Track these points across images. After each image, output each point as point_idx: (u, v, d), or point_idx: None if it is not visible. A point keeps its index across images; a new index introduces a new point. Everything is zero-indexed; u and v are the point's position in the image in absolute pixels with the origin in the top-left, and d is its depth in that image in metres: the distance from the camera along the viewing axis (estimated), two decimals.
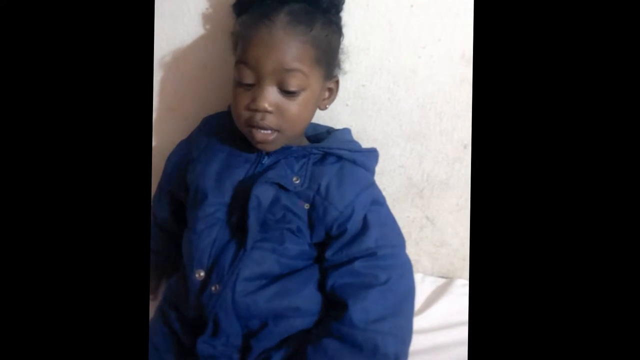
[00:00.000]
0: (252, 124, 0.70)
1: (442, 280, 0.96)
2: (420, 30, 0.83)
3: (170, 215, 0.83)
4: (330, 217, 0.70)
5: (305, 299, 0.70)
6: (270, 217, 0.70)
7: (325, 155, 0.75)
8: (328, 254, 0.71)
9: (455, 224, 0.94)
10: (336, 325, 0.66)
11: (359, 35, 0.82)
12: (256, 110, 0.69)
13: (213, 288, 0.67)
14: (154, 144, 0.93)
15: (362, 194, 0.73)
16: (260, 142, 0.71)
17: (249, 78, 0.69)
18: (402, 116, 0.88)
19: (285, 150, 0.74)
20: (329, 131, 0.83)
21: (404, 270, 0.72)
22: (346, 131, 0.83)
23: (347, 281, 0.68)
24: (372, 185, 0.76)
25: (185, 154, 0.80)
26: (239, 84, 0.70)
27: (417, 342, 0.80)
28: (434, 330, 0.85)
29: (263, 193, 0.69)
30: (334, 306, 0.69)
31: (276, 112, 0.69)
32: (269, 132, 0.70)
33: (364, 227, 0.71)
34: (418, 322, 0.86)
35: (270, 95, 0.68)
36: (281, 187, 0.71)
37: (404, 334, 0.68)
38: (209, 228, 0.70)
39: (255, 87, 0.69)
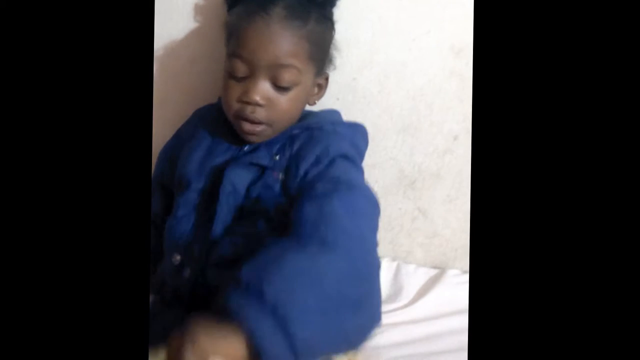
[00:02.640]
0: (241, 116, 0.70)
1: (434, 271, 0.96)
2: (409, 23, 0.83)
3: (163, 209, 0.83)
4: (302, 170, 0.67)
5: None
6: (246, 201, 0.69)
7: (302, 131, 0.73)
8: (290, 184, 0.67)
9: (446, 215, 0.95)
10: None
11: (348, 28, 0.82)
12: (247, 103, 0.69)
13: (186, 274, 0.68)
14: None
15: (333, 142, 0.70)
16: (247, 133, 0.71)
17: (242, 71, 0.69)
18: (392, 109, 0.89)
19: None
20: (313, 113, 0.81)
21: (364, 201, 0.66)
22: (334, 112, 0.81)
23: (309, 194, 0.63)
24: (345, 139, 0.72)
25: (176, 146, 0.81)
26: (230, 76, 0.70)
27: (411, 332, 0.82)
28: (427, 320, 0.86)
29: (238, 176, 0.69)
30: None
31: (267, 106, 0.69)
32: (257, 124, 0.70)
33: (330, 164, 0.67)
34: (412, 312, 0.87)
35: (263, 89, 0.68)
36: (260, 167, 0.70)
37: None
38: (189, 214, 0.71)
39: (248, 79, 0.69)
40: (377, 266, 0.61)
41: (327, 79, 0.78)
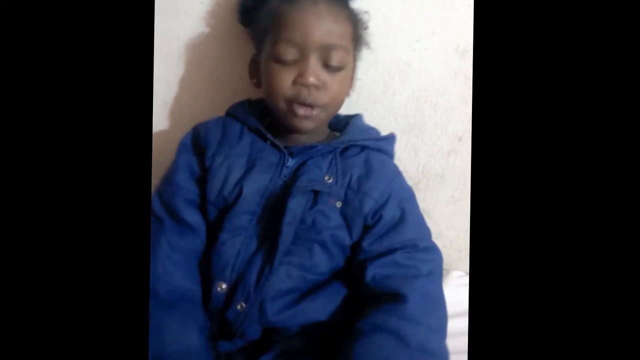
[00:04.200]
0: (297, 100, 0.68)
1: None
2: (414, 24, 0.83)
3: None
4: (367, 208, 0.68)
5: (332, 312, 0.66)
6: (301, 226, 0.66)
7: (348, 146, 0.73)
8: (365, 243, 0.67)
9: (451, 216, 0.94)
10: (392, 319, 0.59)
11: None
12: (303, 85, 0.67)
13: (239, 306, 0.64)
14: None
15: (394, 179, 0.72)
16: (303, 117, 0.69)
17: (292, 54, 0.68)
18: (397, 109, 0.88)
19: (310, 150, 0.71)
20: (339, 118, 0.81)
21: (441, 263, 0.69)
22: (360, 117, 0.81)
23: (390, 272, 0.64)
24: (400, 173, 0.75)
25: (205, 152, 0.73)
26: (277, 61, 0.68)
27: None
28: None
29: (298, 204, 0.66)
30: (381, 298, 0.63)
31: (321, 88, 0.68)
32: (312, 107, 0.69)
33: (402, 216, 0.68)
34: None
35: (317, 70, 0.68)
36: (314, 191, 0.68)
37: (444, 329, 0.63)
38: (233, 238, 0.66)
39: (299, 62, 0.68)
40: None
41: (354, 70, 0.77)
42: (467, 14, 0.81)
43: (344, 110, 0.88)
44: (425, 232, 0.71)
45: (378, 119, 0.89)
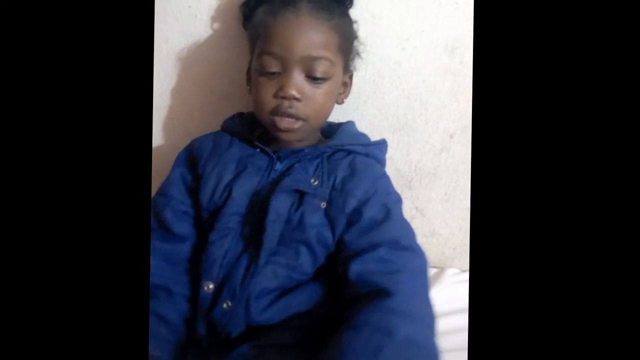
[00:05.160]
0: (278, 112, 0.69)
1: (433, 270, 0.96)
2: (403, 22, 0.83)
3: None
4: (350, 206, 0.67)
5: (315, 304, 0.66)
6: (287, 226, 0.67)
7: (335, 151, 0.74)
8: (348, 238, 0.66)
9: (444, 214, 0.95)
10: (377, 314, 0.57)
11: None
12: (284, 98, 0.69)
13: (225, 305, 0.64)
14: None
15: (379, 180, 0.71)
16: (284, 130, 0.70)
17: (274, 67, 0.69)
18: (387, 108, 0.88)
19: (298, 154, 0.72)
20: (331, 125, 0.82)
21: (425, 265, 0.67)
22: (351, 124, 0.82)
23: (374, 268, 0.62)
24: (387, 176, 0.75)
25: (199, 162, 0.75)
26: (262, 74, 0.70)
27: None
28: None
29: (281, 203, 0.67)
30: (365, 296, 0.61)
31: (303, 101, 0.69)
32: (294, 120, 0.70)
33: (387, 217, 0.67)
34: None
35: (298, 83, 0.69)
36: (299, 192, 0.68)
37: (432, 324, 0.61)
38: (222, 239, 0.67)
39: (281, 74, 0.69)
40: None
41: (351, 77, 0.79)
42: (456, 11, 0.82)
43: (335, 111, 0.88)
44: (410, 233, 0.69)
45: (369, 119, 0.89)
